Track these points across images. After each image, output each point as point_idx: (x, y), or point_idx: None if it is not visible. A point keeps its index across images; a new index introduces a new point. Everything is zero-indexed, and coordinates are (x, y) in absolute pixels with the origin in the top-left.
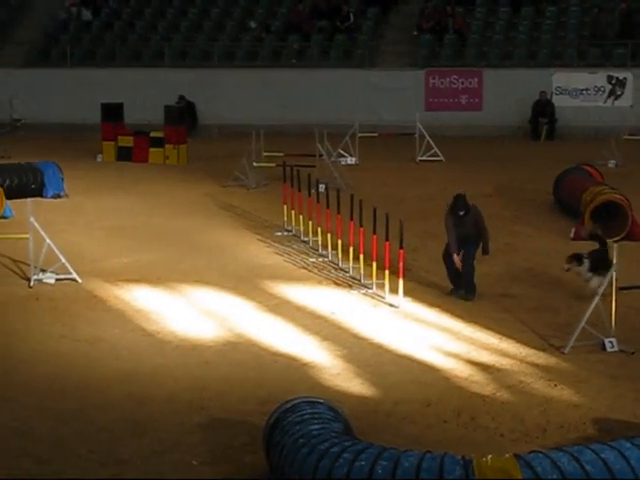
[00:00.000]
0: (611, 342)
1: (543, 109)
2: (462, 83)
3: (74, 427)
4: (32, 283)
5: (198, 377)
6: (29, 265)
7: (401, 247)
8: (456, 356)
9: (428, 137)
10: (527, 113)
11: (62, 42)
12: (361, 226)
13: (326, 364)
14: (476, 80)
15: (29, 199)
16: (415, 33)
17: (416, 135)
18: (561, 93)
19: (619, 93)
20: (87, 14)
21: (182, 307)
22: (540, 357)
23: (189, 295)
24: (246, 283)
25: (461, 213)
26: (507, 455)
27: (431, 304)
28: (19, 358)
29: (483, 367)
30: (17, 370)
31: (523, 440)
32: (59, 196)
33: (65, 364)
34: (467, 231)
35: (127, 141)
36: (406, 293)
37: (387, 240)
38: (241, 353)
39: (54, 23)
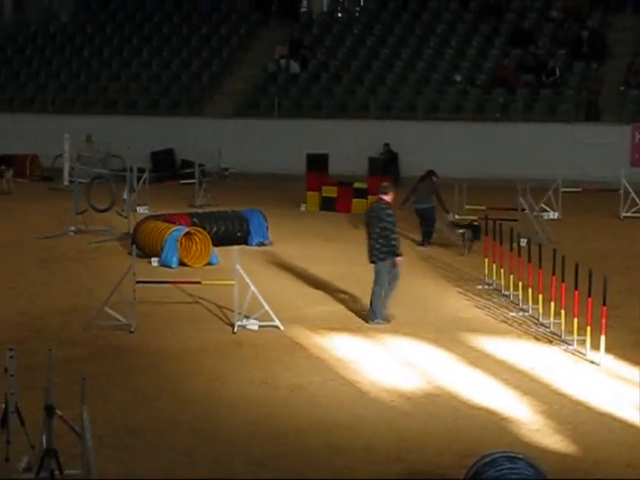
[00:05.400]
0: None
1: None
2: None
3: (273, 474)
4: (236, 329)
5: (396, 428)
6: (233, 311)
7: (604, 304)
8: None
9: (633, 193)
10: None
11: (270, 93)
12: (563, 281)
13: (525, 419)
14: None
15: (235, 246)
16: (622, 88)
17: (621, 191)
18: None
19: None
20: (295, 66)
21: (381, 357)
22: None
23: (388, 345)
24: (445, 335)
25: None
26: None
27: (634, 362)
28: (221, 403)
29: None
30: (219, 415)
31: None
32: (264, 244)
33: (265, 410)
34: None
35: (331, 191)
36: (608, 350)
37: (589, 296)
38: (439, 406)
39: (263, 75)
